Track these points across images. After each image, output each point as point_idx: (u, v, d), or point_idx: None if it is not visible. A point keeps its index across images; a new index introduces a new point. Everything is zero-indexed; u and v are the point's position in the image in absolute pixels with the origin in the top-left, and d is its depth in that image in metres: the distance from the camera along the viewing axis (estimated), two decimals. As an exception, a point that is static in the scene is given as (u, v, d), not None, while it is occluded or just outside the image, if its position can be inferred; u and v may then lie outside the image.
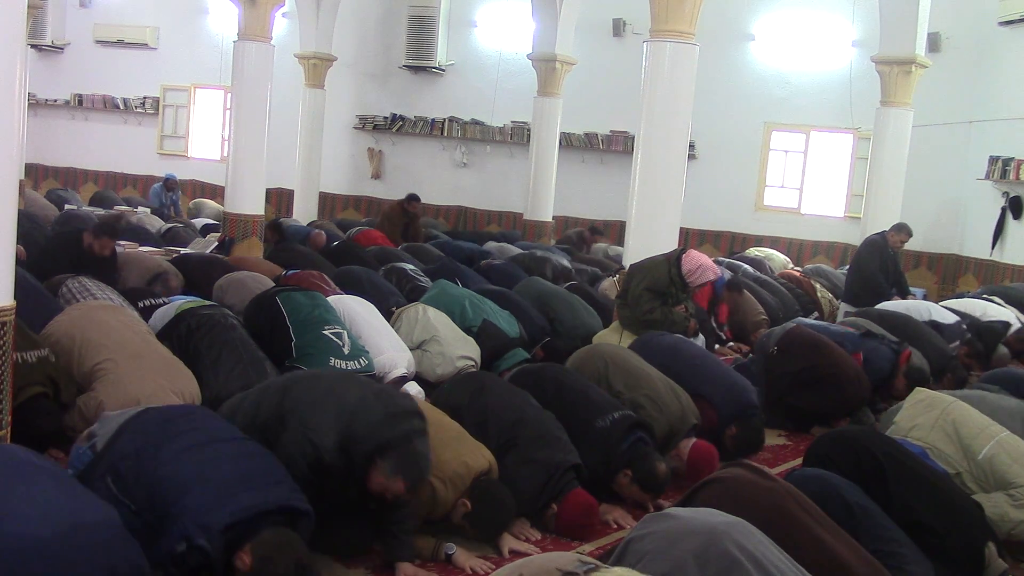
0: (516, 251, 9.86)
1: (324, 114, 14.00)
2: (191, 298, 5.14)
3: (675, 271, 6.08)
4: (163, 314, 4.75)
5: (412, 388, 4.87)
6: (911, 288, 9.44)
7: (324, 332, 4.78)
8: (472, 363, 5.36)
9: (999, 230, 11.43)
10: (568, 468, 3.74)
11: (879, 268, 8.57)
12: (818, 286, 9.45)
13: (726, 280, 7.89)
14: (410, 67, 15.01)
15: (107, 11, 16.80)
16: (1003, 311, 7.89)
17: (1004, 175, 11.14)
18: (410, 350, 5.25)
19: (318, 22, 13.57)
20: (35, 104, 16.39)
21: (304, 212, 13.62)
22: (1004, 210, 11.32)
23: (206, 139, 16.53)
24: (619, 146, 13.96)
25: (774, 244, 12.76)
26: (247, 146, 9.00)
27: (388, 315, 5.63)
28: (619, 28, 14.03)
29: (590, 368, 4.65)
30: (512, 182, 14.45)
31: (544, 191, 12.55)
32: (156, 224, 10.58)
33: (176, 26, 16.37)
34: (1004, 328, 7.49)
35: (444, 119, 15.01)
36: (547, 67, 12.29)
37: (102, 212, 10.30)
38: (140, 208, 11.95)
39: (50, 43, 16.64)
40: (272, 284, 6.04)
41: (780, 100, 13.41)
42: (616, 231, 12.89)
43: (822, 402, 5.43)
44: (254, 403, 3.38)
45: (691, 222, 12.12)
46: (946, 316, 7.32)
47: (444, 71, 15.02)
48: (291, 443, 3.12)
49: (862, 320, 6.69)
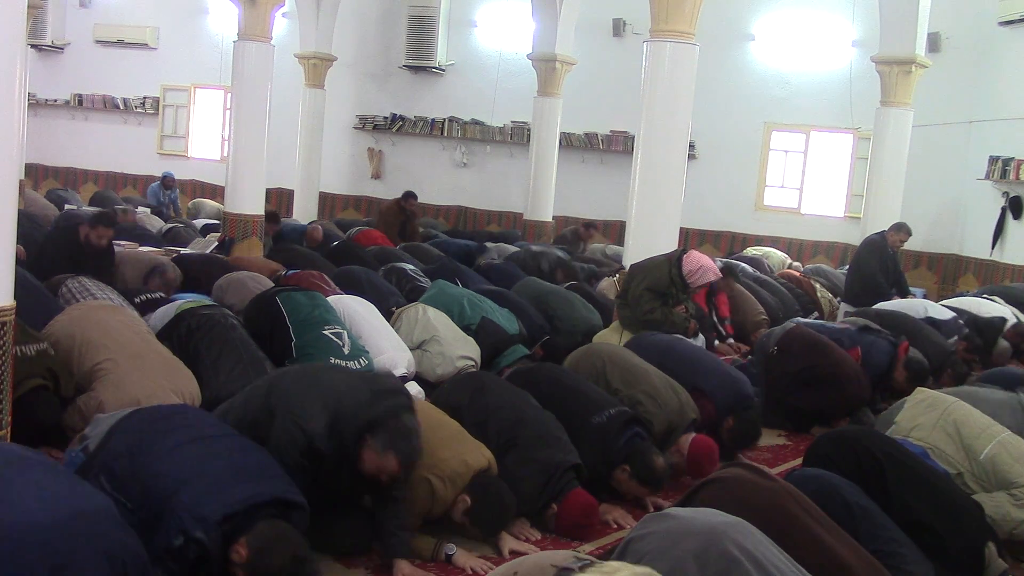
0: (514, 250, 9.84)
1: (324, 114, 14.00)
2: (191, 298, 5.14)
3: (676, 271, 6.09)
4: (163, 314, 4.75)
5: (412, 388, 4.86)
6: (911, 288, 9.45)
7: (324, 332, 4.78)
8: (472, 363, 5.35)
9: (999, 230, 11.44)
10: (568, 468, 3.74)
11: (879, 268, 8.57)
12: (818, 286, 9.45)
13: (720, 267, 7.80)
14: (410, 67, 15.02)
15: (107, 11, 16.81)
16: (998, 307, 7.90)
17: (1004, 175, 11.14)
18: (410, 350, 5.26)
19: (318, 22, 13.57)
20: (35, 104, 16.40)
21: (304, 212, 13.61)
22: (1004, 210, 11.33)
23: (206, 139, 16.54)
24: (619, 146, 13.96)
25: (774, 244, 12.75)
26: (247, 146, 8.99)
27: (388, 315, 5.63)
28: (619, 28, 14.04)
29: (587, 367, 4.66)
30: (512, 182, 14.45)
31: (544, 191, 12.55)
32: (156, 224, 10.58)
33: (176, 26, 16.38)
34: (1002, 323, 7.50)
35: (444, 119, 15.02)
36: (547, 67, 12.29)
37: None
38: (140, 208, 11.93)
39: (50, 43, 16.65)
40: (271, 284, 6.05)
41: (780, 100, 13.41)
42: (616, 231, 12.90)
43: (822, 402, 5.42)
44: (243, 402, 3.41)
45: (691, 222, 12.12)
46: (942, 312, 7.32)
47: (444, 71, 15.03)
48: (282, 433, 3.13)
49: (860, 319, 6.69)
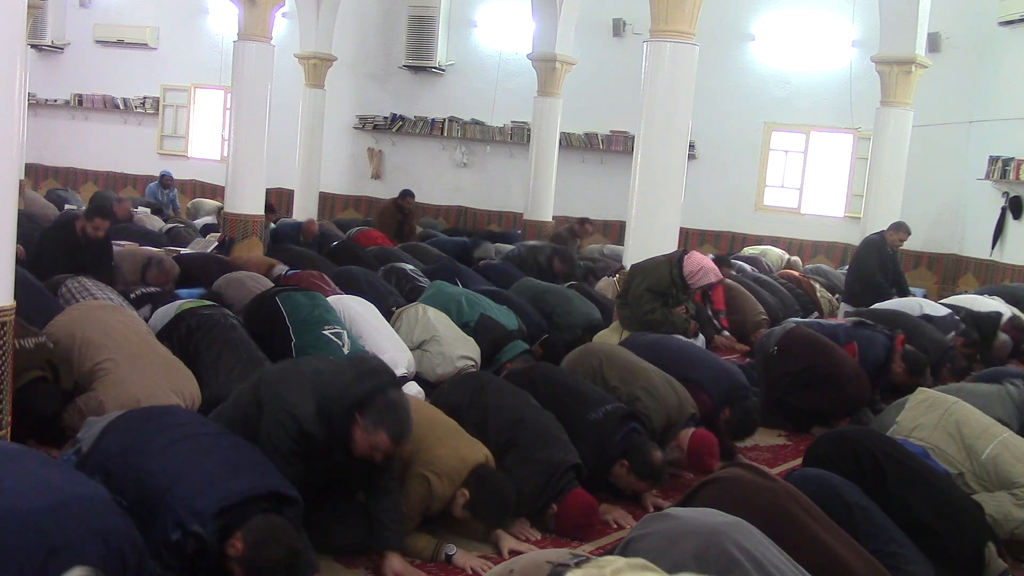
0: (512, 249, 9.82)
1: (324, 114, 13.97)
2: (192, 295, 5.15)
3: (676, 272, 6.09)
4: (163, 314, 4.76)
5: (412, 388, 4.87)
6: (911, 288, 9.45)
7: (324, 332, 4.78)
8: (472, 363, 5.36)
9: (999, 230, 11.44)
10: (568, 468, 3.74)
11: (878, 268, 8.57)
12: (817, 286, 9.45)
13: (712, 259, 7.77)
14: (410, 67, 15.02)
15: (107, 11, 16.81)
16: (993, 303, 7.90)
17: (1004, 175, 11.15)
18: (410, 350, 5.26)
19: (318, 22, 13.56)
20: (35, 104, 16.40)
21: (304, 212, 13.58)
22: (1004, 210, 11.33)
23: (206, 139, 16.53)
24: (619, 146, 13.96)
25: (774, 244, 12.74)
26: (247, 146, 8.99)
27: (388, 315, 5.63)
28: (619, 28, 14.04)
29: (585, 366, 4.67)
30: (512, 182, 14.45)
31: (544, 191, 12.54)
32: (156, 224, 10.58)
33: (176, 26, 16.38)
34: (998, 317, 7.49)
35: (444, 119, 15.01)
36: (547, 67, 12.28)
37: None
38: (140, 208, 11.92)
39: (50, 43, 16.65)
40: (271, 284, 6.05)
41: (780, 100, 13.41)
42: (616, 231, 12.90)
43: (822, 402, 5.42)
44: (232, 401, 3.44)
45: (691, 222, 12.12)
46: (938, 309, 7.34)
47: (444, 71, 15.02)
48: (272, 421, 3.15)
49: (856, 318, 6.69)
